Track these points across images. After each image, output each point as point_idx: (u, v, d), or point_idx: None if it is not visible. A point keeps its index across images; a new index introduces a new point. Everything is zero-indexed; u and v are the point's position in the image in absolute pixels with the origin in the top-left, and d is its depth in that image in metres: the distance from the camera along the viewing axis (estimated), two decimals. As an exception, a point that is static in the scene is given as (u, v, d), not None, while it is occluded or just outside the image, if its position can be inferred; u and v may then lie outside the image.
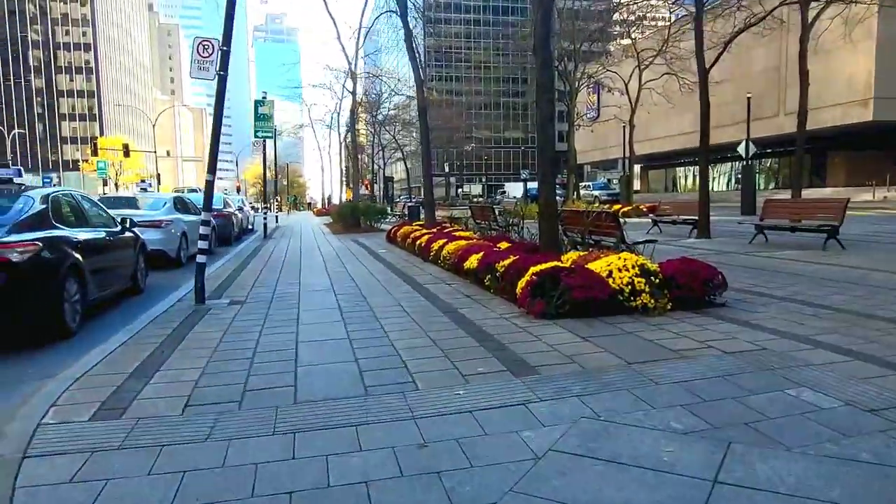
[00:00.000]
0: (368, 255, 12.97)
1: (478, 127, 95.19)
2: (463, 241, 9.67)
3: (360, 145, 72.39)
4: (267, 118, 19.49)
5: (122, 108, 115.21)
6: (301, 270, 10.37)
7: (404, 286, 8.11)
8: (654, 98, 29.24)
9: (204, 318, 6.31)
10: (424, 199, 15.80)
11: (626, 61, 27.90)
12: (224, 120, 21.63)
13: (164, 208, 12.54)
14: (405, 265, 10.65)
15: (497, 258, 7.28)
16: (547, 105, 7.33)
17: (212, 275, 10.18)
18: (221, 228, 17.67)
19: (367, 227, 22.71)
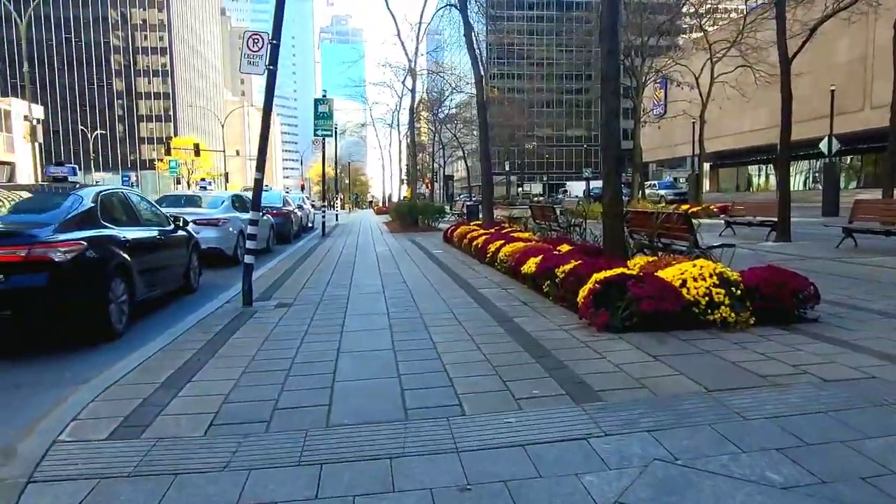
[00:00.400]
0: (423, 255, 12.64)
1: (539, 125, 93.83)
2: (521, 242, 9.17)
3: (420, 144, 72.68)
4: (326, 116, 19.49)
5: (194, 109, 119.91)
6: (354, 271, 10.12)
7: (457, 290, 7.69)
8: (727, 92, 27.71)
9: (248, 322, 6.08)
10: (482, 198, 15.34)
11: (696, 54, 26.49)
12: (290, 119, 21.63)
13: (222, 206, 12.59)
14: (460, 267, 10.23)
15: (557, 262, 6.76)
16: (612, 98, 6.74)
17: (265, 273, 10.08)
18: (280, 227, 17.74)
19: (425, 226, 22.46)
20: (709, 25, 27.81)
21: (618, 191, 6.91)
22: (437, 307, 6.58)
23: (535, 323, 5.61)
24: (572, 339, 4.96)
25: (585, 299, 5.34)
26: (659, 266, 5.89)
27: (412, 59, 23.32)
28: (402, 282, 8.63)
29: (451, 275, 9.26)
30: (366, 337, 5.28)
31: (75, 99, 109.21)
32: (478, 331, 5.36)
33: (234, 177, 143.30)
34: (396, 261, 11.56)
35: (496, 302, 6.75)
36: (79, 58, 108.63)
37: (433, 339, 5.08)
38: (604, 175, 6.95)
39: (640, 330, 5.00)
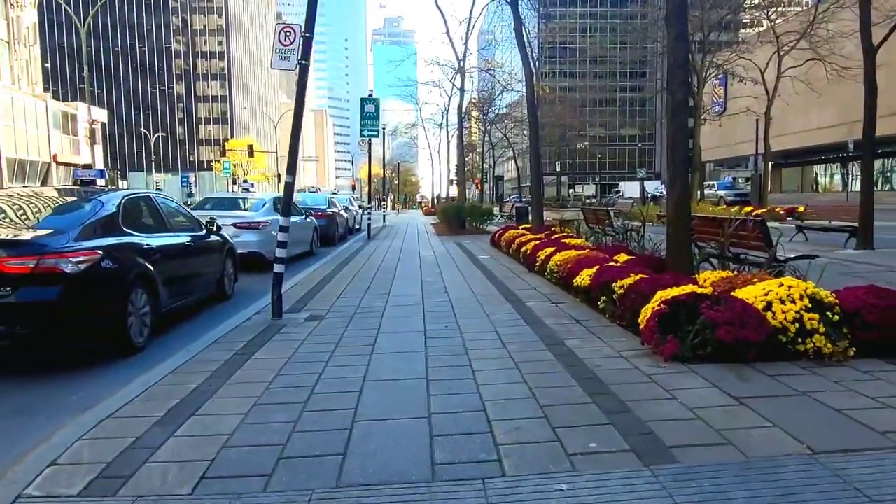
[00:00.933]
0: (469, 261, 12.02)
1: (592, 124, 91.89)
2: (573, 251, 8.44)
3: (471, 144, 72.11)
4: (373, 117, 19.11)
5: (250, 111, 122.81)
6: (394, 279, 9.60)
7: (503, 304, 7.04)
8: (795, 87, 26.01)
9: (273, 338, 5.60)
10: (532, 201, 14.61)
11: (761, 48, 24.91)
12: (342, 121, 21.33)
13: (264, 209, 12.30)
14: (507, 276, 9.57)
15: (614, 275, 6.04)
16: (680, 89, 5.97)
17: (305, 279, 9.70)
18: (324, 229, 17.45)
19: (473, 228, 21.83)
20: (775, 17, 26.11)
21: (685, 195, 6.13)
22: (480, 325, 5.95)
23: (590, 347, 4.91)
24: (634, 370, 4.26)
25: (649, 322, 4.62)
26: (735, 284, 5.11)
27: (461, 57, 22.72)
28: (444, 292, 8.04)
29: (496, 285, 8.62)
30: (397, 361, 4.70)
31: (138, 103, 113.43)
32: (524, 356, 4.71)
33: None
34: (440, 267, 10.99)
35: (546, 319, 6.07)
36: (142, 63, 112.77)
37: (472, 367, 4.46)
38: (668, 176, 6.18)
39: (715, 360, 4.25)
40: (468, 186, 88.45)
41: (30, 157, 50.35)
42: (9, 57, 52.92)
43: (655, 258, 7.17)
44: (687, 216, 6.22)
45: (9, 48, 53.12)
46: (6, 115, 47.21)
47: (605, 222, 12.69)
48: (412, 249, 15.06)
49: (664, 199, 30.16)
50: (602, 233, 12.89)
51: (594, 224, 13.62)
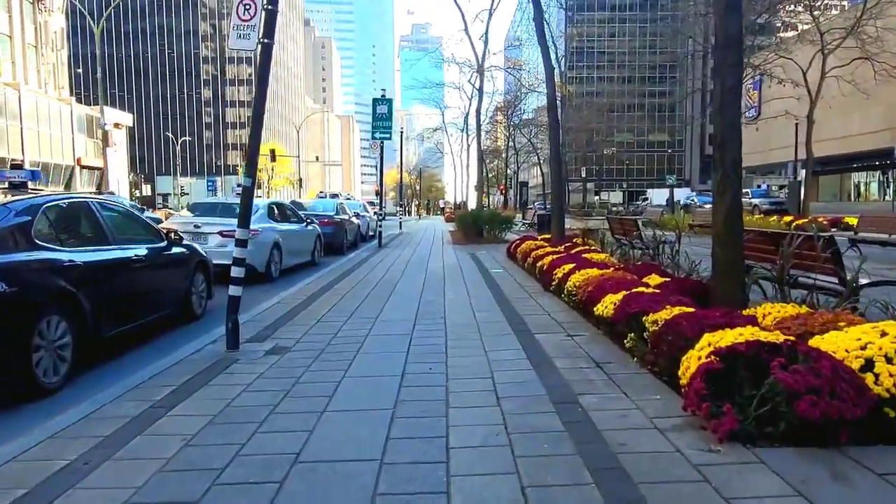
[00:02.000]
0: (479, 276, 10.80)
1: (619, 129, 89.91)
2: (595, 269, 7.17)
3: (496, 149, 70.90)
4: (385, 118, 18.04)
5: (277, 116, 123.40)
6: (391, 296, 8.44)
7: (508, 336, 5.82)
8: (839, 89, 24.24)
9: (212, 381, 4.48)
10: (552, 209, 13.30)
11: (801, 48, 23.16)
12: (369, 126, 20.40)
13: (256, 216, 11.19)
14: (518, 296, 8.33)
15: (645, 305, 4.79)
16: (731, 71, 4.70)
17: (291, 295, 8.62)
18: (330, 237, 16.41)
19: (491, 237, 20.53)
20: (819, 13, 24.31)
21: (736, 207, 4.85)
22: (475, 366, 4.74)
23: (614, 410, 3.67)
24: (675, 454, 3.01)
25: (694, 382, 3.36)
26: (810, 325, 3.83)
27: (480, 56, 21.54)
28: (441, 317, 6.84)
29: (504, 308, 7.39)
30: (353, 426, 3.52)
31: (166, 107, 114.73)
32: (523, 423, 3.49)
33: (313, 181, 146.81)
34: (445, 283, 9.80)
35: (557, 360, 4.83)
36: (171, 68, 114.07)
37: (449, 439, 3.26)
38: (715, 183, 4.91)
39: (793, 443, 2.99)
40: (492, 192, 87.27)
41: (53, 160, 50.56)
42: (36, 61, 53.37)
43: (696, 283, 5.89)
44: (739, 234, 4.93)
45: (36, 52, 53.57)
46: (30, 119, 47.45)
47: (632, 234, 11.37)
48: (421, 260, 13.90)
49: (696, 207, 28.41)
50: (630, 245, 11.59)
51: (620, 235, 12.30)
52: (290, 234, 12.39)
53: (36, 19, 53.74)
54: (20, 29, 51.21)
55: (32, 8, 53.13)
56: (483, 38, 21.33)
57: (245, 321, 6.68)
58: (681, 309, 4.58)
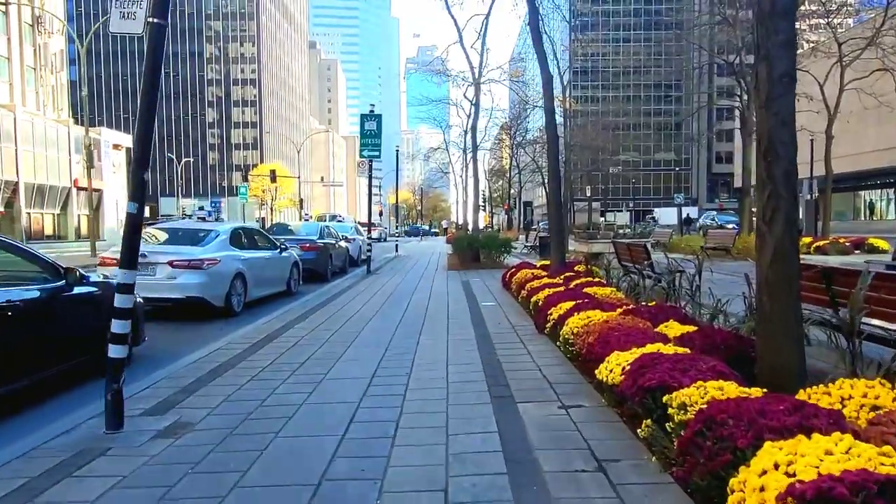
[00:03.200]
0: (466, 311, 9.43)
1: (625, 148, 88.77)
2: (599, 311, 5.80)
3: (501, 169, 69.76)
4: (374, 135, 16.81)
5: (281, 137, 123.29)
6: (354, 342, 7.08)
7: (483, 408, 4.43)
8: (860, 101, 22.91)
9: (51, 488, 3.12)
10: (550, 232, 11.90)
11: (815, 61, 21.85)
12: None
13: (215, 243, 9.95)
14: (506, 341, 6.95)
15: (666, 376, 3.43)
16: (782, 53, 3.38)
17: (235, 340, 7.29)
18: (312, 263, 15.13)
19: (491, 260, 19.12)
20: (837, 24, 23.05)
21: (791, 239, 3.49)
22: (426, 465, 3.37)
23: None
24: None
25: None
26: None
27: (476, 68, 20.36)
28: (406, 374, 5.47)
29: (486, 359, 6.01)
30: None
31: (171, 129, 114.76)
32: None
33: (318, 202, 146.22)
34: (425, 322, 8.42)
35: (544, 456, 3.44)
36: (175, 90, 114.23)
37: None
38: (762, 204, 3.56)
39: None
40: (497, 212, 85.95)
41: (49, 182, 49.73)
42: (34, 83, 52.88)
43: (729, 336, 4.49)
44: (795, 278, 3.55)
45: (35, 74, 53.11)
46: (25, 141, 46.69)
47: (642, 261, 9.99)
48: (407, 291, 12.54)
49: (714, 227, 26.97)
50: (639, 274, 10.22)
51: (628, 262, 10.92)
52: (259, 262, 11.09)
53: (35, 41, 53.39)
54: (19, 51, 50.78)
55: (32, 30, 52.80)
56: (479, 50, 20.16)
57: (159, 380, 5.39)
58: (719, 386, 3.21)
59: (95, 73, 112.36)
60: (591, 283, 8.24)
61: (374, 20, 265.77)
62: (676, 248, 21.27)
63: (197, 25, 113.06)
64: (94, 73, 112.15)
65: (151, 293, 9.02)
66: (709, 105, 55.24)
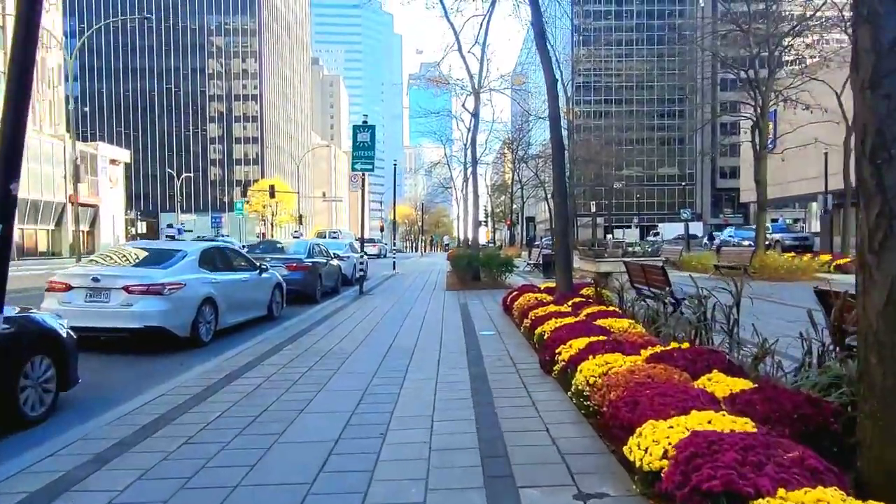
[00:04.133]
0: (461, 344, 8.32)
1: (629, 163, 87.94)
2: (620, 356, 4.71)
3: (504, 184, 68.82)
4: (367, 147, 15.83)
5: (282, 152, 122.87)
6: (326, 385, 6.00)
7: (473, 490, 3.34)
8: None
9: None
10: (555, 252, 10.78)
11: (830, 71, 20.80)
12: (378, 163, 18.04)
13: (180, 265, 8.89)
14: (506, 385, 5.84)
15: (737, 473, 2.36)
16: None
17: (189, 382, 6.23)
18: (300, 284, 14.09)
19: (492, 279, 18.04)
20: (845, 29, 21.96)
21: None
22: None
23: None
24: None
25: None
26: None
27: (475, 76, 19.40)
28: (381, 435, 4.37)
29: (482, 413, 4.90)
30: None
31: (173, 144, 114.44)
32: None
33: (321, 218, 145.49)
34: (414, 356, 7.33)
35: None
36: (177, 105, 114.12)
37: None
38: (866, 221, 2.51)
39: None
40: (499, 228, 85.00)
41: (44, 197, 48.92)
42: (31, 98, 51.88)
43: (803, 401, 3.38)
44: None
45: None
46: (20, 155, 45.70)
47: (659, 284, 8.90)
48: (398, 316, 11.45)
49: (733, 244, 25.69)
50: (655, 300, 9.14)
51: (642, 284, 9.83)
52: (234, 285, 10.03)
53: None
54: (16, 65, 49.99)
55: (29, 44, 52.09)
56: (479, 56, 19.20)
57: (72, 442, 4.31)
58: (818, 498, 2.13)
59: (97, 89, 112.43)
60: (605, 313, 7.14)
61: (376, 37, 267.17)
62: (687, 266, 20.18)
63: (199, 41, 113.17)
64: (94, 88, 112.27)
65: (105, 322, 8.01)
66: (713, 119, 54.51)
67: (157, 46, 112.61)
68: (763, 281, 16.17)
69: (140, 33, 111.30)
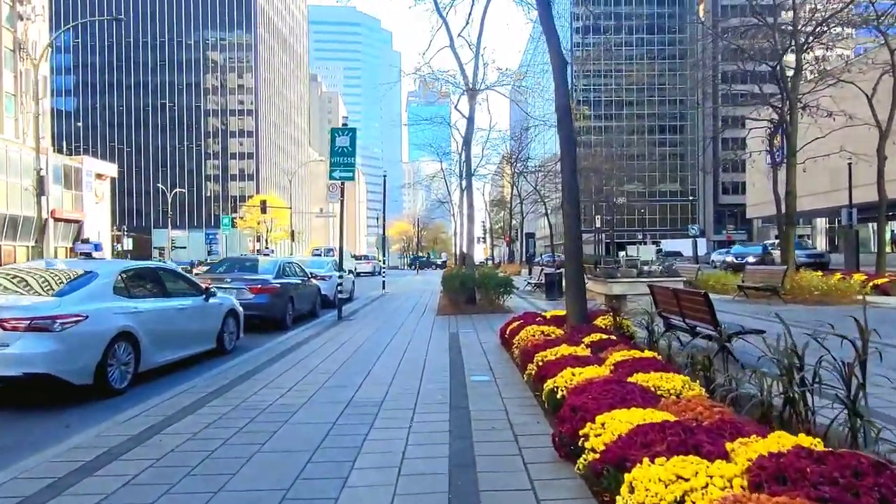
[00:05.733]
0: (447, 392, 6.33)
1: (629, 179, 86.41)
2: (696, 458, 2.74)
3: (502, 200, 67.02)
4: (346, 153, 13.92)
5: (277, 168, 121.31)
6: (240, 471, 4.02)
7: None
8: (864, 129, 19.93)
9: None
10: (566, 276, 8.70)
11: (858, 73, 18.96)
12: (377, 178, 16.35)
13: (82, 292, 6.89)
14: (504, 481, 3.86)
15: None
16: None
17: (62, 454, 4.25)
18: (265, 309, 12.20)
19: (489, 301, 15.98)
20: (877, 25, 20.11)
21: None
22: None
23: None
24: None
25: None
26: None
27: (470, 76, 17.56)
28: None
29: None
30: None
31: (167, 159, 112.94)
32: None
33: (317, 234, 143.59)
34: (373, 427, 5.32)
35: None
36: (172, 120, 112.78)
37: None
38: None
39: None
40: (498, 244, 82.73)
41: (23, 212, 46.94)
42: (14, 110, 50.57)
43: None
44: None
45: (15, 101, 50.85)
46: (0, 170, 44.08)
47: (702, 316, 6.92)
48: (375, 350, 9.47)
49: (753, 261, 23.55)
50: (690, 332, 7.22)
51: (674, 313, 7.86)
52: (165, 314, 8.06)
53: (17, 67, 51.24)
54: (-2, 78, 48.56)
55: (13, 56, 50.72)
56: (474, 51, 17.35)
57: None
58: None
59: (90, 105, 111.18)
60: (641, 363, 5.13)
61: (376, 54, 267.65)
62: (703, 286, 18.15)
63: (195, 56, 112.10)
64: (89, 104, 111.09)
65: (-29, 368, 6.03)
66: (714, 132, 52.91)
67: (152, 62, 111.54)
68: (797, 304, 14.20)
69: (136, 48, 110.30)
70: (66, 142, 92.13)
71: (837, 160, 22.83)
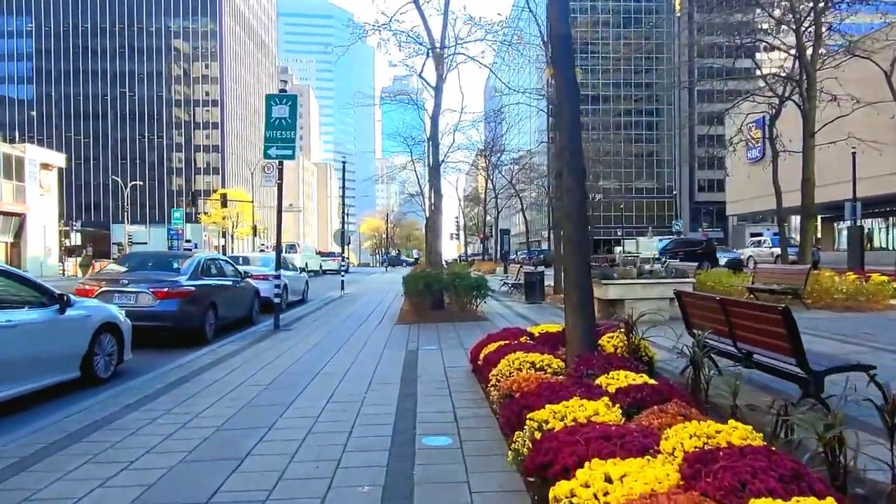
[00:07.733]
0: (380, 471, 3.85)
1: (605, 175, 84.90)
2: None
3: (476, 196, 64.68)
4: (285, 126, 11.31)
5: (243, 161, 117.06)
6: None
7: None
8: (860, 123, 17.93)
9: None
10: (567, 275, 6.11)
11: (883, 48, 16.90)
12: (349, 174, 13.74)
13: None
14: None
15: None
16: None
17: None
18: (171, 319, 9.53)
19: (461, 305, 13.50)
20: None
21: None
22: None
23: None
24: None
25: None
26: None
27: (436, 38, 15.00)
28: None
29: None
30: None
31: (127, 152, 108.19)
32: None
33: (288, 230, 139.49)
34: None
35: None
36: (132, 111, 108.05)
37: None
38: None
39: None
40: (471, 241, 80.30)
41: (-47, 204, 43.07)
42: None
43: None
44: None
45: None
46: (-75, 158, 40.18)
47: (777, 343, 4.55)
48: (301, 380, 6.93)
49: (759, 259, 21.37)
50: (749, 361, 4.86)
51: (725, 335, 5.48)
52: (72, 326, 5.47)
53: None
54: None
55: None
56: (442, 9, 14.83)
57: None
58: None
59: (45, 93, 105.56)
60: (734, 453, 2.71)
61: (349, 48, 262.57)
62: (701, 287, 15.90)
63: (156, 44, 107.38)
64: (44, 92, 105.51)
65: None
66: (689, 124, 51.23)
67: (111, 49, 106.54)
68: (822, 310, 12.03)
69: (93, 35, 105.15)
70: (17, 131, 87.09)
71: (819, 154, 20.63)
